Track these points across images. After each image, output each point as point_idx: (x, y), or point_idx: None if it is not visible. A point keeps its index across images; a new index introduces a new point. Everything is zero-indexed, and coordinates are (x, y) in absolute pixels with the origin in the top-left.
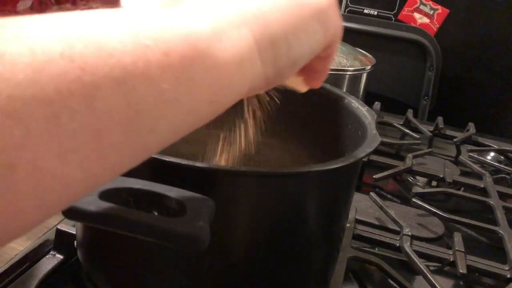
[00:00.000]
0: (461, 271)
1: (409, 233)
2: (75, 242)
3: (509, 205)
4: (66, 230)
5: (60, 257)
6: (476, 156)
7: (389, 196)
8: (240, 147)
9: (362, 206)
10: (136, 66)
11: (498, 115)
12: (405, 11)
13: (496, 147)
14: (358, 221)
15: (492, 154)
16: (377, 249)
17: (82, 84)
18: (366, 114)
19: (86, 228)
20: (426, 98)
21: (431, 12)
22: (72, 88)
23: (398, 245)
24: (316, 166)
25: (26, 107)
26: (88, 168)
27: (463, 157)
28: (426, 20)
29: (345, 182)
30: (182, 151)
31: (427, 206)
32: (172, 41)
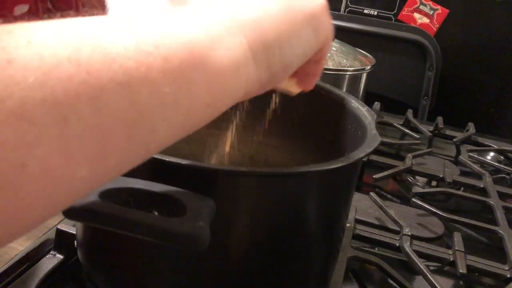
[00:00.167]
0: (461, 271)
1: (409, 233)
2: (75, 242)
3: (509, 205)
4: (66, 230)
5: (60, 257)
6: (476, 156)
7: (389, 196)
8: (240, 147)
9: (362, 206)
10: (139, 70)
11: (498, 115)
12: (405, 11)
13: (495, 147)
14: (358, 221)
15: (492, 154)
16: (377, 249)
17: (89, 87)
18: (366, 114)
19: (86, 228)
20: (426, 98)
21: (431, 12)
22: (79, 90)
23: (398, 245)
24: (316, 166)
25: (37, 109)
26: (93, 167)
27: (463, 157)
28: (426, 20)
29: (345, 182)
30: (182, 151)
31: (427, 206)
32: (172, 47)
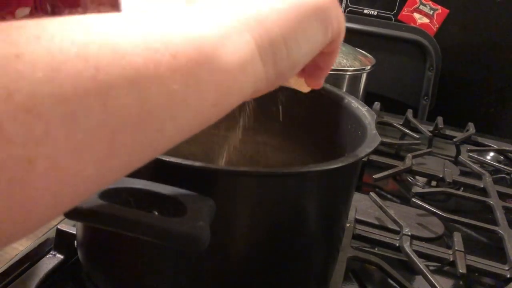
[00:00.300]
0: (461, 271)
1: (409, 233)
2: (75, 242)
3: (508, 205)
4: (67, 230)
5: (60, 257)
6: (475, 156)
7: (389, 196)
8: (240, 147)
9: (362, 206)
10: (148, 67)
11: (498, 115)
12: (405, 11)
13: (495, 147)
14: (358, 221)
15: (492, 154)
16: (377, 249)
17: (97, 83)
18: (366, 114)
19: (86, 228)
20: (425, 98)
21: (431, 12)
22: (87, 86)
23: (398, 245)
24: (316, 166)
25: (45, 104)
26: (100, 165)
27: (463, 157)
28: (426, 20)
29: (345, 182)
30: (182, 151)
31: (427, 206)
32: (180, 45)
